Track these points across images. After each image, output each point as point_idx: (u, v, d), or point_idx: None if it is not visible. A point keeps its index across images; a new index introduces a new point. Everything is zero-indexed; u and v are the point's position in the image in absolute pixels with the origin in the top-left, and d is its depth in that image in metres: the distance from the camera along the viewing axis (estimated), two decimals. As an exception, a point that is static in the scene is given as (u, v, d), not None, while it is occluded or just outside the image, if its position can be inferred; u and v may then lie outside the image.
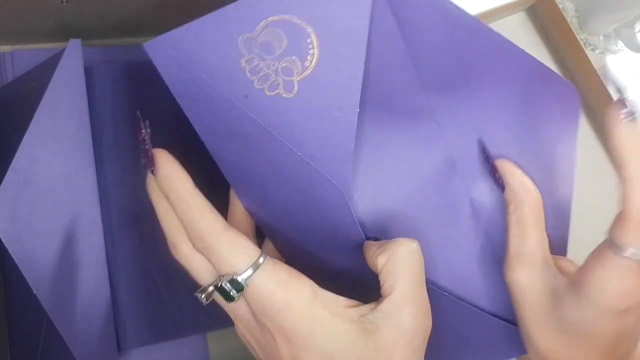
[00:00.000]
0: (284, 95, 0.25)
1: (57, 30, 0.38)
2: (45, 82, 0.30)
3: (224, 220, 0.24)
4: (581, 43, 0.48)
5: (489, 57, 0.29)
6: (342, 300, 0.24)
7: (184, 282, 0.36)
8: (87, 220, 0.32)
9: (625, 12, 0.48)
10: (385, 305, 0.23)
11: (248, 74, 0.24)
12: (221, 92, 0.24)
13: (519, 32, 0.51)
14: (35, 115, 0.29)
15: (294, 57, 0.24)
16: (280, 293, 0.23)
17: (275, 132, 0.24)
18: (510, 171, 0.29)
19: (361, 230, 0.26)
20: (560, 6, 0.50)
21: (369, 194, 0.28)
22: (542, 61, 0.31)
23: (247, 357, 0.30)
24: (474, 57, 0.29)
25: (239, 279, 0.23)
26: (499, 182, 0.30)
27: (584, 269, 0.26)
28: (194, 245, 0.24)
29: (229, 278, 0.23)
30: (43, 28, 0.38)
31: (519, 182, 0.29)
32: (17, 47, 0.40)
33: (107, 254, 0.33)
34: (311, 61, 0.24)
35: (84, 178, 0.32)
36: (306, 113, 0.25)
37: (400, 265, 0.24)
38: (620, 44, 0.52)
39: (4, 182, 0.27)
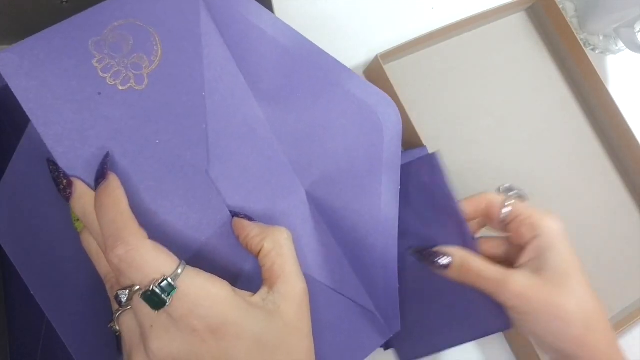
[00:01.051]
0: (136, 87, 0.27)
1: (57, 30, 0.39)
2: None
3: (142, 229, 0.25)
4: (581, 43, 0.48)
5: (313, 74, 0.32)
6: (245, 291, 0.26)
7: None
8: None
9: (625, 12, 0.48)
10: (280, 286, 0.27)
11: (100, 73, 0.27)
12: (74, 93, 0.26)
13: (519, 32, 0.51)
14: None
15: (141, 54, 0.27)
16: (209, 291, 0.24)
17: (132, 123, 0.27)
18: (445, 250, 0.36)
19: (226, 206, 0.29)
20: (560, 6, 0.50)
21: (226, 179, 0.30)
22: (542, 61, 0.31)
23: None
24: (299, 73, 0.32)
25: (169, 280, 0.23)
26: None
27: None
28: (109, 254, 0.24)
29: (159, 282, 0.23)
30: (43, 28, 0.38)
31: (456, 251, 0.35)
32: (17, 47, 0.40)
33: (107, 254, 0.33)
34: (156, 56, 0.28)
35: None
36: (158, 102, 0.28)
37: (286, 249, 0.28)
38: (620, 44, 0.52)
39: (2, 182, 0.27)
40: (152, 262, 0.23)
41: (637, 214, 0.49)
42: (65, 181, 0.26)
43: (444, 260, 0.34)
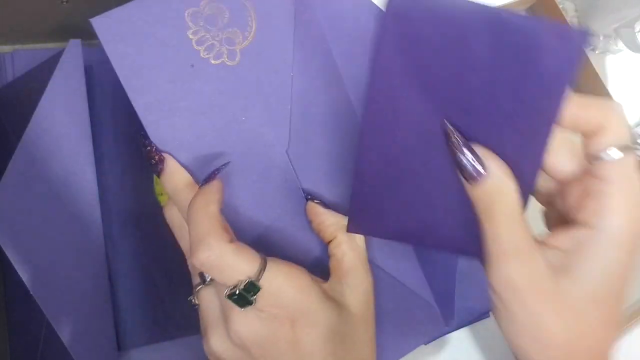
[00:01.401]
0: (228, 62, 0.27)
1: (57, 30, 0.38)
2: (45, 82, 0.30)
3: (227, 231, 0.25)
4: (581, 43, 0.48)
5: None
6: (320, 279, 0.28)
7: (184, 282, 0.36)
8: (87, 220, 0.32)
9: (625, 12, 0.48)
10: (350, 280, 0.28)
11: (194, 45, 0.27)
12: (168, 63, 0.26)
13: (519, 32, 0.51)
14: (34, 115, 0.29)
15: (235, 29, 0.27)
16: (291, 283, 0.25)
17: (221, 98, 0.27)
18: (490, 156, 0.23)
19: (300, 188, 0.30)
20: (560, 6, 0.50)
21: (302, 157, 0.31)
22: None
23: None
24: None
25: (254, 282, 0.24)
26: (464, 165, 0.23)
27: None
28: (193, 257, 0.25)
29: (243, 284, 0.24)
30: (43, 28, 0.38)
31: (500, 172, 0.23)
32: (17, 47, 0.40)
33: (107, 254, 0.33)
34: (250, 32, 0.28)
35: (83, 178, 0.32)
36: (247, 79, 0.28)
37: (358, 242, 0.29)
38: (620, 44, 0.52)
39: (1, 182, 0.27)
40: (235, 266, 0.24)
41: (637, 214, 0.49)
42: (157, 157, 0.27)
43: (474, 169, 0.23)
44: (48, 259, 0.28)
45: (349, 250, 0.28)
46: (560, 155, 0.24)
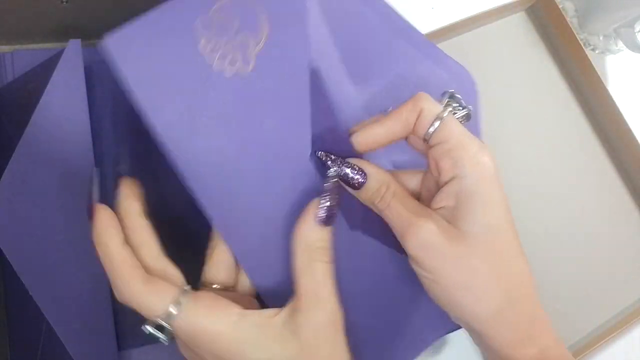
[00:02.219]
0: (243, 70, 0.27)
1: (56, 30, 0.38)
2: (44, 82, 0.30)
3: (142, 271, 0.25)
4: (581, 43, 0.48)
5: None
6: (265, 313, 0.25)
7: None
8: (87, 220, 0.32)
9: (625, 12, 0.48)
10: (303, 303, 0.25)
11: (207, 55, 0.26)
12: (183, 78, 0.26)
13: (519, 32, 0.51)
14: (34, 115, 0.29)
15: (247, 33, 0.27)
16: (207, 323, 0.24)
17: (239, 107, 0.26)
18: (363, 162, 0.28)
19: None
20: (560, 6, 0.50)
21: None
22: (542, 61, 0.31)
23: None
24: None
25: (162, 322, 0.24)
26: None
27: None
28: (118, 297, 0.25)
29: (154, 324, 0.24)
30: (43, 28, 0.38)
31: (375, 169, 0.27)
32: (17, 47, 0.40)
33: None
34: (263, 36, 0.27)
35: (83, 178, 0.32)
36: (265, 84, 0.27)
37: (319, 270, 0.26)
38: (620, 44, 0.52)
39: (1, 182, 0.27)
40: (145, 305, 0.24)
41: (637, 214, 0.49)
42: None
43: (360, 177, 0.27)
44: (48, 259, 0.28)
45: (309, 276, 0.26)
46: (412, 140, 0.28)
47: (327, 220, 0.26)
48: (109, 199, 0.35)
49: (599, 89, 0.48)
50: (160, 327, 0.24)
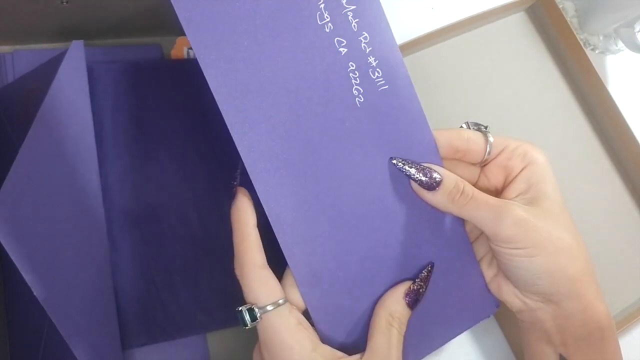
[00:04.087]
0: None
1: (57, 30, 0.38)
2: (47, 83, 0.30)
3: (264, 259, 0.28)
4: (581, 43, 0.48)
5: None
6: (338, 354, 0.27)
7: (184, 282, 0.36)
8: (90, 220, 0.32)
9: (625, 12, 0.48)
10: (373, 358, 0.27)
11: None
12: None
13: (519, 32, 0.51)
14: (38, 115, 0.29)
15: None
16: (286, 335, 0.26)
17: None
18: (434, 166, 0.31)
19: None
20: (560, 6, 0.50)
21: None
22: (542, 61, 0.31)
23: (247, 357, 0.30)
24: None
25: (256, 310, 0.26)
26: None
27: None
28: (235, 270, 0.28)
29: (249, 307, 0.27)
30: (43, 28, 0.38)
31: (447, 172, 0.31)
32: (18, 47, 0.40)
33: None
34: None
35: (87, 178, 0.32)
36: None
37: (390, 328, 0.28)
38: (620, 44, 0.52)
39: (5, 182, 0.27)
40: (253, 289, 0.27)
41: (637, 214, 0.49)
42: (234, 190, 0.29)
43: (438, 176, 0.30)
44: (51, 259, 0.28)
45: (386, 329, 0.28)
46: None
47: (413, 304, 0.29)
48: (110, 196, 0.35)
49: (599, 89, 0.48)
50: (250, 315, 0.27)
